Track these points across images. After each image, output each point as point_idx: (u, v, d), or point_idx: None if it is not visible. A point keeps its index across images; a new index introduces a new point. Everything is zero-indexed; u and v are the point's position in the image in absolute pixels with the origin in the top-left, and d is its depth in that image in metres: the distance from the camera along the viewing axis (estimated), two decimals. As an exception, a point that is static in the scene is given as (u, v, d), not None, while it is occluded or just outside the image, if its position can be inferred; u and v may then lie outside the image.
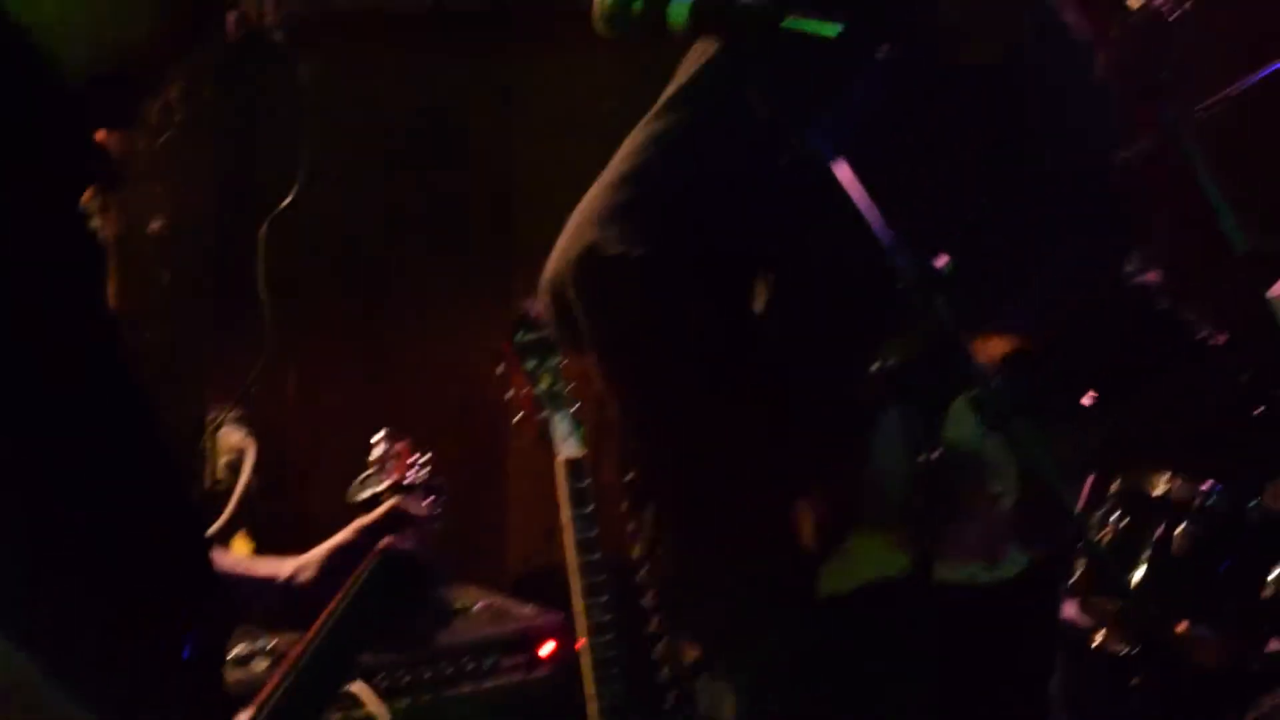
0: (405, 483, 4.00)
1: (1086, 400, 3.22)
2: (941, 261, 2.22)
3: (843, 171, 2.26)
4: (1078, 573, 3.90)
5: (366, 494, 4.00)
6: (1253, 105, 4.44)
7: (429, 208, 4.58)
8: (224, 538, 4.11)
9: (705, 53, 2.77)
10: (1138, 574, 3.91)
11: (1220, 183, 2.67)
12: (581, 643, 3.85)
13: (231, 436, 4.18)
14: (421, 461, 4.10)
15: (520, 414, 4.22)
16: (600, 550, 3.95)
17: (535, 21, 4.29)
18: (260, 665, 3.73)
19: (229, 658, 2.15)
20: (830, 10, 2.34)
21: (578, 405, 4.06)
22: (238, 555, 3.78)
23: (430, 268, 4.59)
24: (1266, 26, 5.41)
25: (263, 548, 4.18)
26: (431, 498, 4.06)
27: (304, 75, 3.87)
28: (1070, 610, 3.91)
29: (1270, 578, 3.86)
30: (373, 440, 4.05)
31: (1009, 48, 2.91)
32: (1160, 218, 3.17)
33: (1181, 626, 3.81)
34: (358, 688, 3.84)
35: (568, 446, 4.03)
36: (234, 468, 4.15)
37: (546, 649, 4.21)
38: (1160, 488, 3.92)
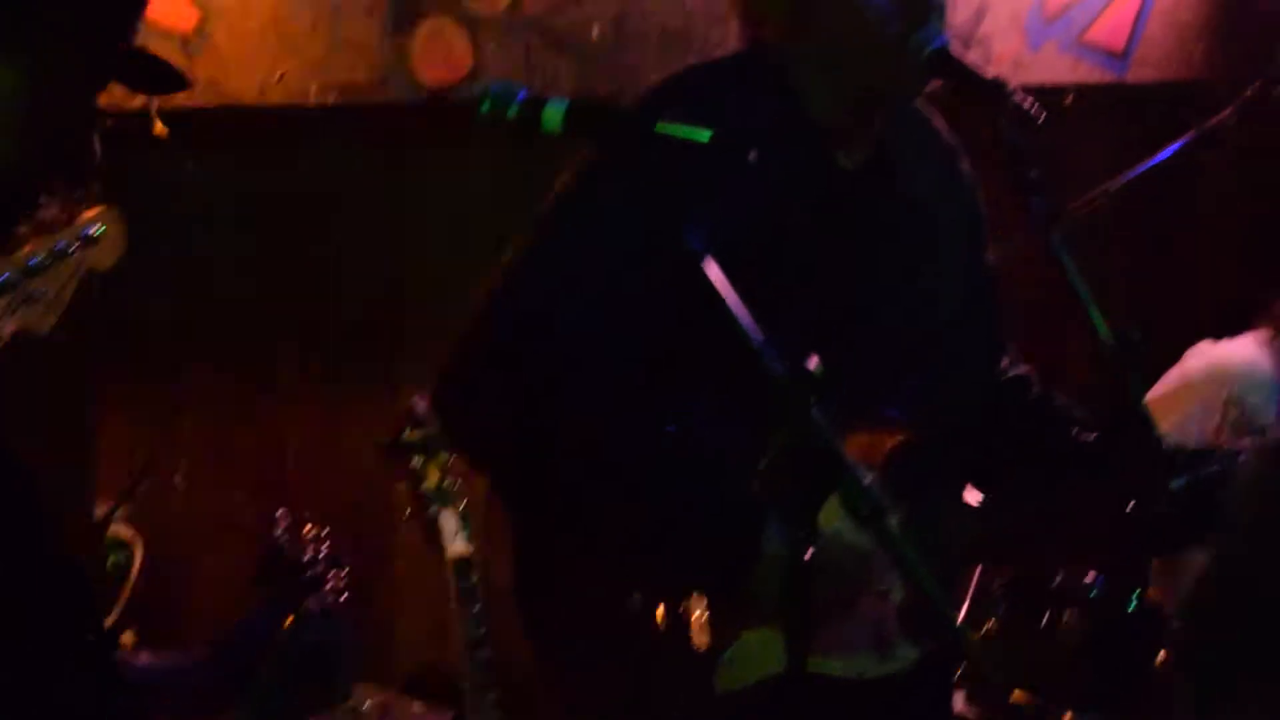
0: (306, 559, 4.03)
1: (969, 493, 3.26)
2: (813, 361, 2.24)
3: (715, 273, 2.29)
4: (966, 664, 3.92)
5: (269, 573, 4.03)
6: (1123, 203, 4.53)
7: (319, 301, 4.58)
8: (113, 635, 4.08)
9: (583, 157, 2.80)
10: (1025, 661, 3.94)
11: (1088, 278, 2.71)
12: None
13: (119, 534, 4.15)
14: (322, 536, 4.12)
15: (408, 510, 4.22)
16: (490, 648, 3.95)
17: (430, 117, 4.31)
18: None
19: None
20: (701, 117, 2.37)
21: (465, 502, 4.06)
22: (137, 650, 3.76)
23: (320, 362, 4.58)
24: (1137, 129, 5.51)
25: (152, 643, 4.16)
26: (333, 571, 4.08)
27: (189, 168, 3.89)
28: (959, 702, 3.93)
29: (1155, 665, 3.90)
30: (276, 516, 4.07)
31: (879, 151, 2.95)
32: (1031, 312, 3.22)
33: (1067, 716, 3.84)
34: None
35: (456, 543, 4.04)
36: (121, 566, 4.13)
37: (436, 746, 4.20)
38: (1046, 579, 3.95)
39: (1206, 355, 4.80)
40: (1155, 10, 5.62)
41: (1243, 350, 4.81)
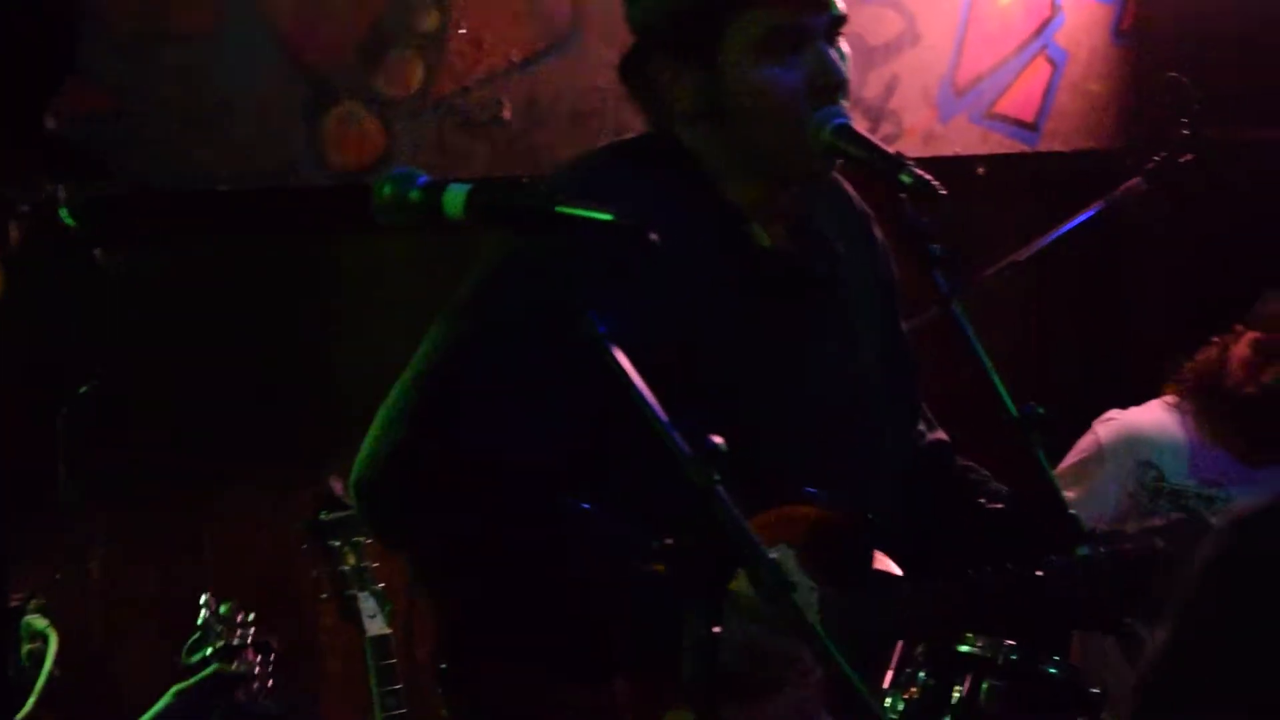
0: (234, 643, 4.01)
1: (888, 567, 3.27)
2: (717, 439, 2.25)
3: (619, 355, 2.30)
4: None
5: (196, 657, 4.01)
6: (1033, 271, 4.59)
7: (234, 384, 4.57)
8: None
9: (497, 247, 2.81)
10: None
11: (1001, 349, 2.74)
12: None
13: (34, 625, 4.12)
14: (248, 620, 4.10)
15: (326, 591, 4.21)
16: (410, 727, 3.94)
17: (343, 201, 4.32)
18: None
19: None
20: (605, 199, 2.39)
21: (383, 584, 4.06)
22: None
23: (236, 445, 4.56)
24: (1047, 199, 5.58)
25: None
26: (259, 656, 4.06)
27: (104, 258, 3.87)
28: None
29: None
30: (200, 601, 4.05)
31: (795, 226, 2.97)
32: (944, 381, 3.24)
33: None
34: None
35: (374, 624, 4.04)
36: (36, 657, 4.09)
37: (359, 828, 4.18)
38: (964, 646, 3.98)
39: (1115, 422, 4.87)
40: (1064, 82, 5.70)
41: (1150, 415, 4.88)
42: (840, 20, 2.87)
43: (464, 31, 4.39)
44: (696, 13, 2.81)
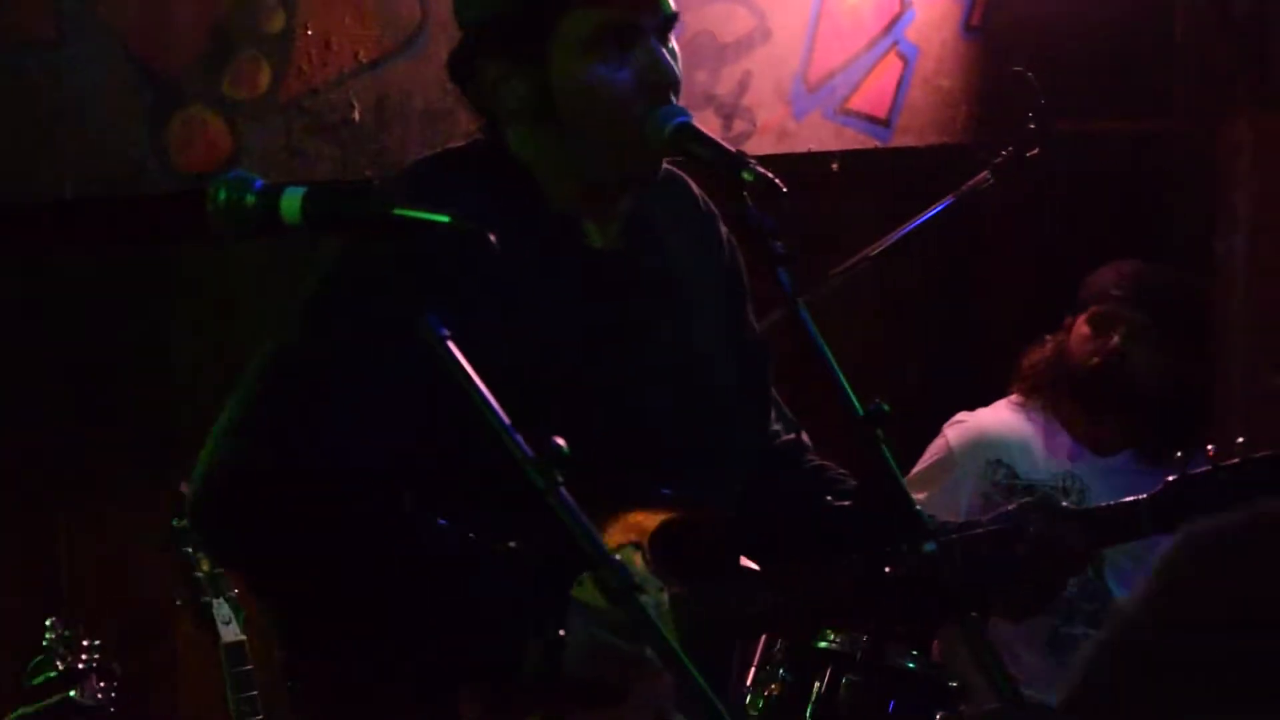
0: (79, 667, 3.97)
1: (745, 562, 3.28)
2: (559, 441, 2.25)
3: (457, 355, 2.29)
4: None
5: (39, 679, 3.96)
6: (877, 270, 4.62)
7: (84, 397, 4.52)
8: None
9: (332, 256, 2.78)
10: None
11: (850, 345, 2.75)
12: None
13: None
14: (94, 645, 4.05)
15: (181, 598, 4.18)
16: (265, 734, 3.92)
17: (189, 205, 4.27)
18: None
19: None
20: (439, 204, 2.38)
21: (237, 590, 4.04)
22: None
23: (88, 450, 4.51)
24: (899, 194, 5.62)
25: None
26: (103, 683, 4.02)
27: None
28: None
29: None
30: (46, 624, 4.00)
31: (630, 225, 2.97)
32: (792, 381, 3.25)
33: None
34: None
35: (229, 630, 4.02)
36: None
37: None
38: (823, 642, 4.00)
39: (964, 425, 4.94)
40: (916, 78, 5.74)
41: (997, 415, 4.96)
42: (672, 20, 2.87)
43: (311, 32, 4.36)
44: (525, 11, 2.79)
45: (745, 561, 3.22)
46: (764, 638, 4.11)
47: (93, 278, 4.50)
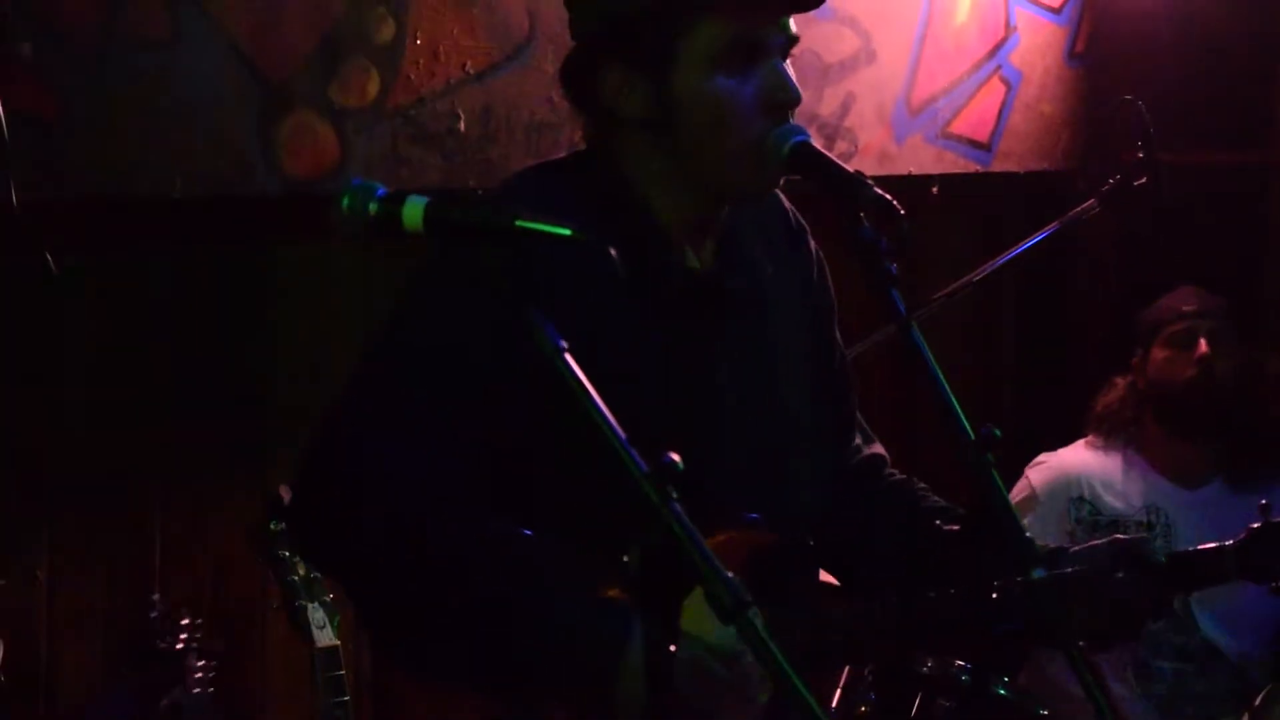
0: (179, 647, 3.99)
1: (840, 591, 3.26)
2: (674, 457, 2.24)
3: (576, 368, 2.29)
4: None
5: (137, 655, 3.99)
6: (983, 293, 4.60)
7: (186, 392, 4.55)
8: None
9: (437, 260, 2.78)
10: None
11: (952, 372, 2.73)
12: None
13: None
14: (194, 625, 4.08)
15: (276, 601, 4.19)
16: (357, 740, 3.93)
17: (297, 209, 4.30)
18: None
19: None
20: (565, 212, 2.38)
21: (331, 595, 4.04)
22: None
23: (187, 452, 4.54)
24: (1001, 219, 5.60)
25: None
26: (203, 662, 4.04)
27: (56, 263, 3.85)
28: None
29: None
30: (151, 599, 4.03)
31: (725, 245, 2.96)
32: (899, 402, 3.24)
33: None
34: None
35: (322, 635, 4.02)
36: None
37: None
38: (915, 666, 3.99)
39: (1045, 465, 4.99)
40: (1018, 103, 5.72)
41: (1077, 454, 5.00)
42: (794, 40, 2.87)
43: (420, 42, 4.38)
44: (654, 20, 2.78)
45: (825, 577, 3.21)
46: (849, 668, 4.10)
47: (198, 277, 4.54)
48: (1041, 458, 5.03)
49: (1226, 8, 5.91)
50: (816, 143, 2.86)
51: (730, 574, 2.23)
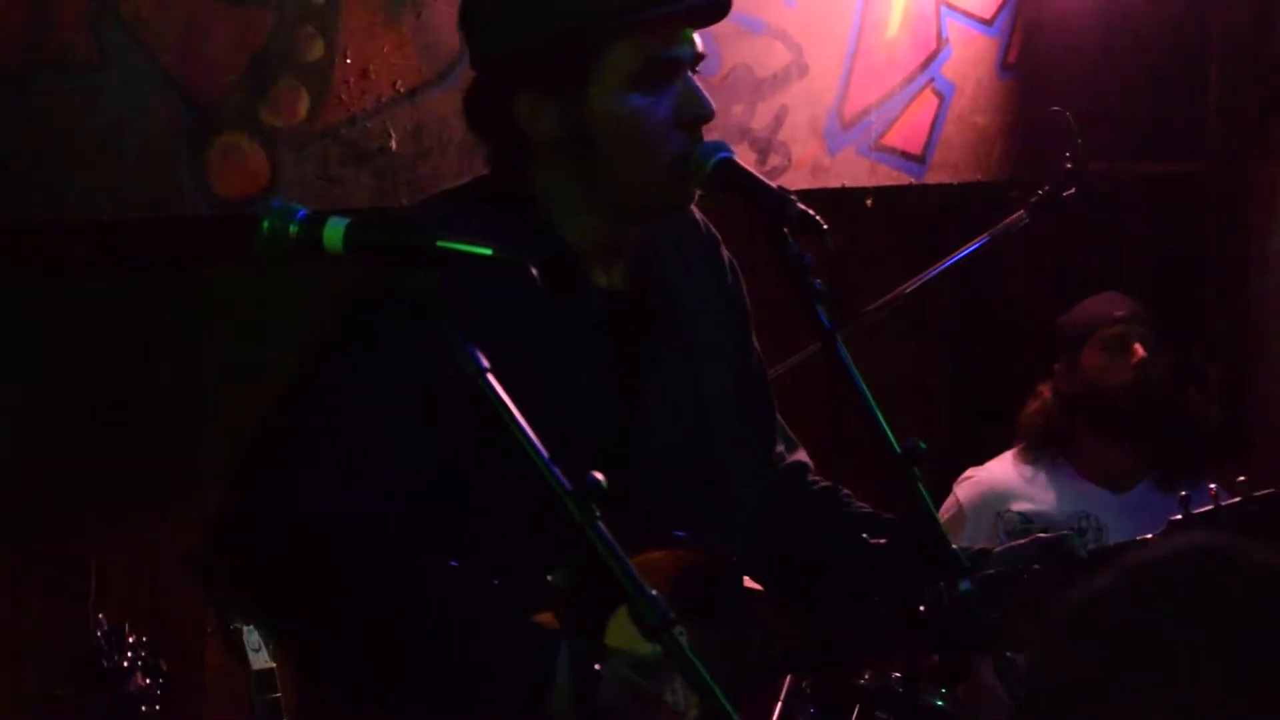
0: (124, 665, 3.96)
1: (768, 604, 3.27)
2: (598, 476, 2.24)
3: (498, 388, 2.29)
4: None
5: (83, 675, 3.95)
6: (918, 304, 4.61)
7: (119, 414, 4.53)
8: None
9: (355, 289, 2.78)
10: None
11: (872, 383, 2.74)
12: None
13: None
14: (140, 642, 4.05)
15: (210, 625, 4.18)
16: (293, 762, 3.91)
17: (227, 231, 4.29)
18: None
19: None
20: (477, 236, 2.39)
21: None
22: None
23: (122, 475, 4.52)
24: (934, 231, 5.62)
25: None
26: (148, 680, 4.01)
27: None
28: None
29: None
30: (98, 618, 4.00)
31: (638, 263, 2.97)
32: (825, 416, 3.25)
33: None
34: None
35: (258, 658, 4.01)
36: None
37: None
38: (851, 679, 3.99)
39: (972, 480, 5.01)
40: (951, 115, 5.74)
41: (1002, 468, 5.02)
42: (700, 56, 2.88)
43: (350, 61, 4.37)
44: (567, 44, 2.79)
45: (749, 583, 3.22)
46: (789, 680, 4.09)
47: (130, 301, 4.52)
48: (969, 473, 5.04)
49: (1157, 19, 5.95)
50: (749, 158, 2.88)
51: (654, 592, 2.23)
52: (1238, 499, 3.30)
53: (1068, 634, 1.58)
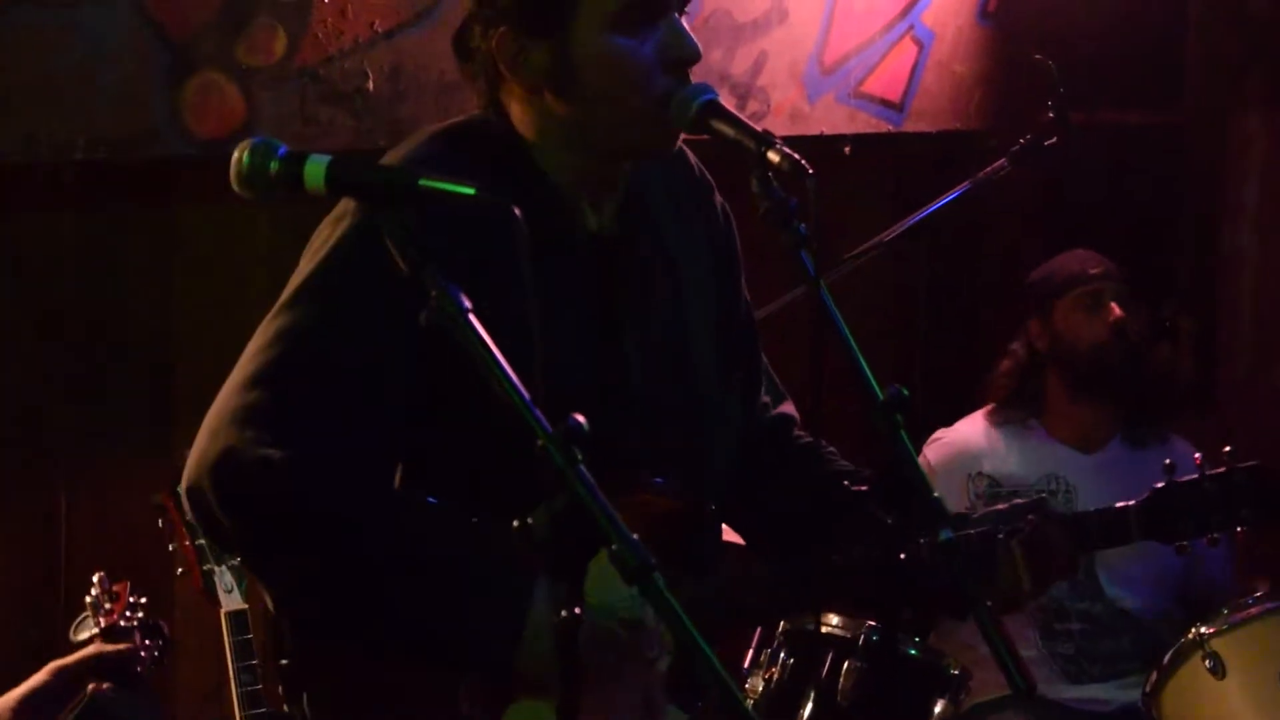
0: (121, 624, 3.94)
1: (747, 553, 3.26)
2: (579, 419, 2.23)
3: (480, 329, 2.28)
4: None
5: (84, 635, 3.94)
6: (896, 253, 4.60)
7: (89, 359, 4.50)
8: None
9: (334, 228, 2.76)
10: (806, 710, 3.97)
11: (864, 330, 2.72)
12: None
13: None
14: (139, 602, 4.03)
15: (182, 567, 4.16)
16: (265, 704, 3.90)
17: (203, 170, 4.25)
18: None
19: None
20: (462, 175, 2.37)
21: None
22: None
23: (91, 420, 4.49)
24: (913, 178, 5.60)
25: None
26: (147, 641, 3.99)
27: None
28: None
29: (935, 712, 3.95)
30: (93, 579, 3.98)
31: (626, 206, 2.95)
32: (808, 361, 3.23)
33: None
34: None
35: (230, 599, 4.01)
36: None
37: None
38: (825, 627, 3.99)
39: (942, 441, 5.01)
40: (930, 63, 5.72)
41: (974, 427, 5.02)
42: None
43: (327, 0, 4.33)
44: None
45: (730, 535, 3.21)
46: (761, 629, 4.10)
47: (101, 241, 4.48)
48: (939, 434, 5.04)
49: (1137, -30, 5.94)
50: (728, 102, 2.85)
51: (634, 536, 2.22)
52: (1223, 469, 3.29)
53: None
